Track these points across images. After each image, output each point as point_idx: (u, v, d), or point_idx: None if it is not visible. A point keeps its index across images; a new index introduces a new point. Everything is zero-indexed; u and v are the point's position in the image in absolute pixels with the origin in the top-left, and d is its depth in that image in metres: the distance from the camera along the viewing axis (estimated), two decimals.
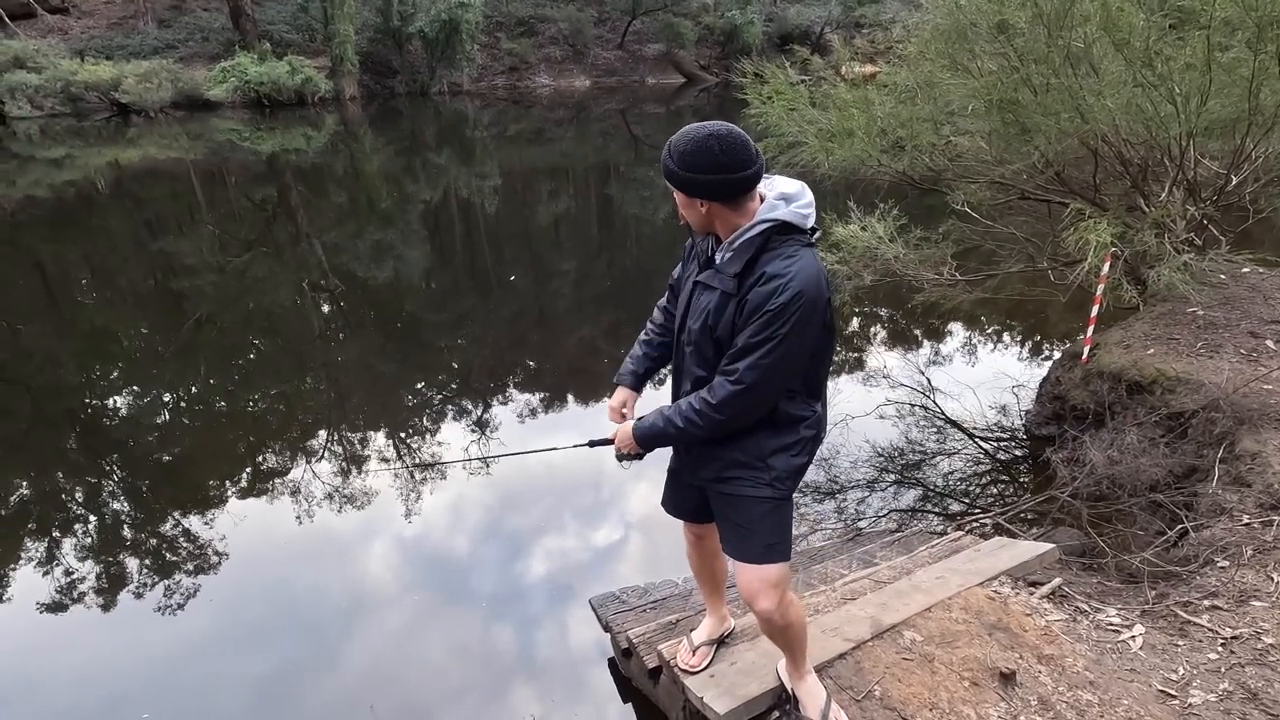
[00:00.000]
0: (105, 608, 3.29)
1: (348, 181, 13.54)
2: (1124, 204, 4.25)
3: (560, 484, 4.30)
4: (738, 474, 1.60)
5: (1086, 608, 2.16)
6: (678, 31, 27.62)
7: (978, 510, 4.15)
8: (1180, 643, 2.00)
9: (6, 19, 20.28)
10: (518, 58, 26.27)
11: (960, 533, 2.81)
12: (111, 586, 3.41)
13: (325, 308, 7.43)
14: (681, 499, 1.88)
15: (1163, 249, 3.44)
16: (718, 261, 1.52)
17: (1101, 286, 3.57)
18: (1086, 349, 3.74)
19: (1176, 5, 3.64)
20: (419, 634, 3.13)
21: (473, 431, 4.82)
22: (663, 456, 1.90)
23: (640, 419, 1.68)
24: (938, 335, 6.41)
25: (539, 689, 2.78)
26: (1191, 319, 3.73)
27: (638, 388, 1.87)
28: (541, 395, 5.41)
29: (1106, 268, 3.51)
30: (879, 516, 3.97)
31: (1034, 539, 3.04)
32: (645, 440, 1.66)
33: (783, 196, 1.46)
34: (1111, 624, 2.08)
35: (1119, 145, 3.94)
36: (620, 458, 1.76)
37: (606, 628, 2.62)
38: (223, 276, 8.08)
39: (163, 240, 9.64)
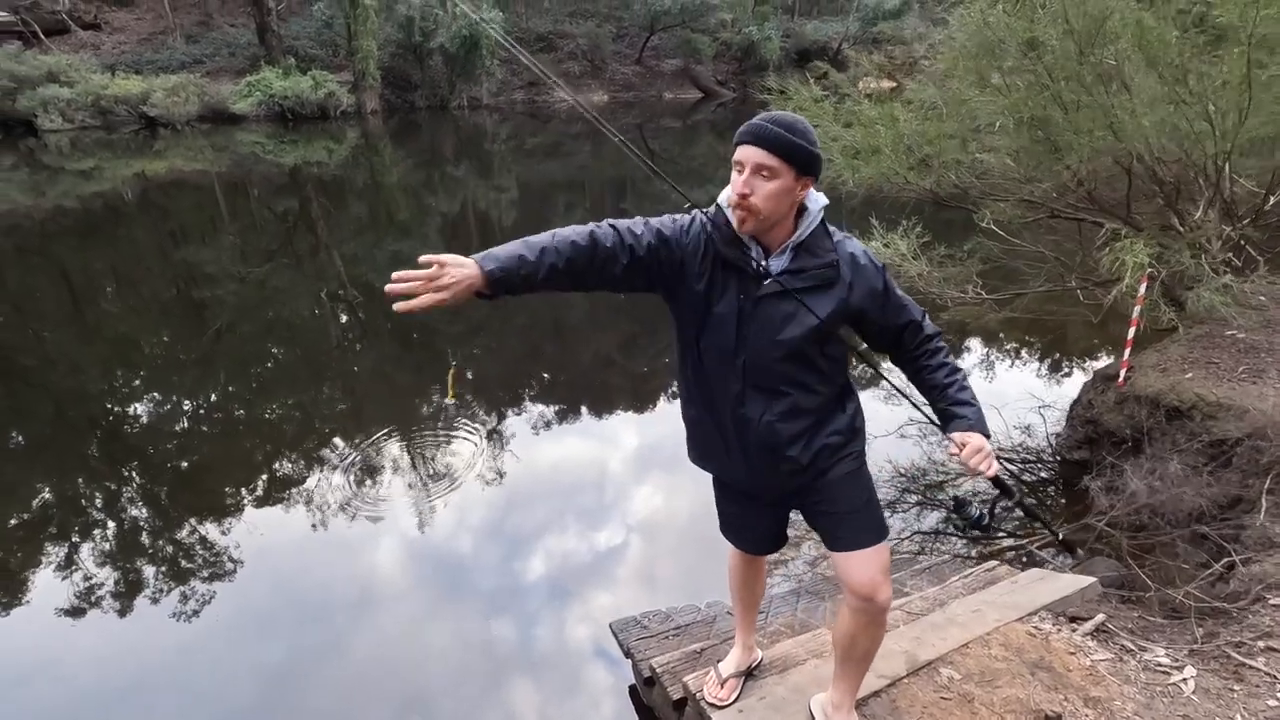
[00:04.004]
0: (124, 603, 3.33)
1: (368, 193, 13.69)
2: (1157, 223, 4.15)
3: (574, 500, 4.25)
4: (838, 457, 1.55)
5: (1132, 646, 2.06)
6: (695, 47, 27.81)
7: (1003, 534, 4.05)
8: (1236, 687, 1.89)
9: (41, 35, 20.87)
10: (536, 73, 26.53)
11: (994, 562, 2.72)
12: (131, 582, 3.45)
13: (343, 317, 7.48)
14: (758, 529, 1.77)
15: (1201, 270, 3.34)
16: (779, 266, 1.45)
17: (1138, 308, 3.47)
18: (1123, 372, 3.64)
19: (1213, 22, 3.56)
20: (431, 652, 3.08)
21: (487, 442, 4.80)
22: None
23: (963, 421, 1.47)
24: (961, 353, 6.31)
25: (555, 714, 2.71)
26: (1231, 342, 3.62)
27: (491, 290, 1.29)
28: (556, 408, 5.38)
29: (1143, 289, 3.41)
30: (901, 538, 3.88)
31: (1070, 569, 2.94)
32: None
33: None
34: (1160, 665, 1.98)
35: (1152, 164, 3.86)
36: (979, 514, 1.52)
37: (628, 654, 2.56)
38: (244, 286, 8.16)
39: (186, 250, 9.77)
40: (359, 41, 21.01)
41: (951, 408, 1.52)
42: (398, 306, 1.17)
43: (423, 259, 1.20)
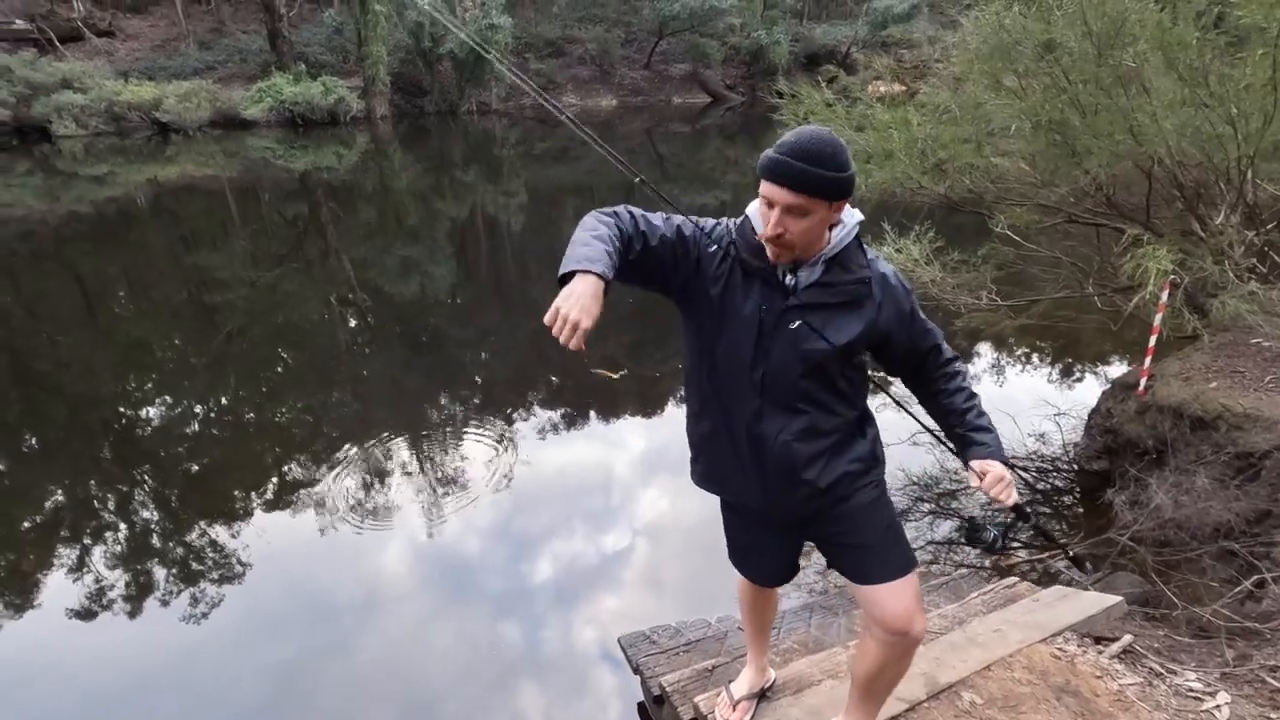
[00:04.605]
0: (132, 604, 3.35)
1: (377, 198, 13.73)
2: (1177, 228, 4.06)
3: (581, 505, 4.21)
4: (858, 484, 1.48)
5: (1162, 669, 1.99)
6: (704, 51, 27.79)
7: (1018, 544, 3.97)
8: (1273, 715, 1.81)
9: (57, 42, 21.13)
10: (545, 78, 26.62)
11: (1014, 578, 2.65)
12: (139, 584, 3.47)
13: (352, 322, 7.49)
14: (769, 559, 1.69)
15: (1225, 276, 3.26)
16: (809, 279, 1.37)
17: (1160, 316, 3.39)
18: (1143, 380, 3.55)
19: (1235, 23, 3.48)
20: (435, 658, 3.04)
21: (494, 447, 4.78)
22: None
23: (983, 449, 1.44)
24: (973, 360, 6.22)
25: None
26: (1257, 351, 3.52)
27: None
28: (564, 410, 5.37)
29: (1165, 296, 3.33)
30: (915, 548, 3.82)
31: (1090, 584, 2.86)
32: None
33: None
34: (1192, 689, 1.91)
35: (1173, 168, 3.78)
36: (1003, 532, 1.50)
37: (636, 670, 2.50)
38: (254, 290, 8.20)
39: (197, 255, 9.83)
40: (369, 47, 21.13)
41: (970, 434, 1.47)
42: (572, 345, 1.16)
43: (546, 320, 1.16)
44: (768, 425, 1.43)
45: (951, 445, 1.51)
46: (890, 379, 1.68)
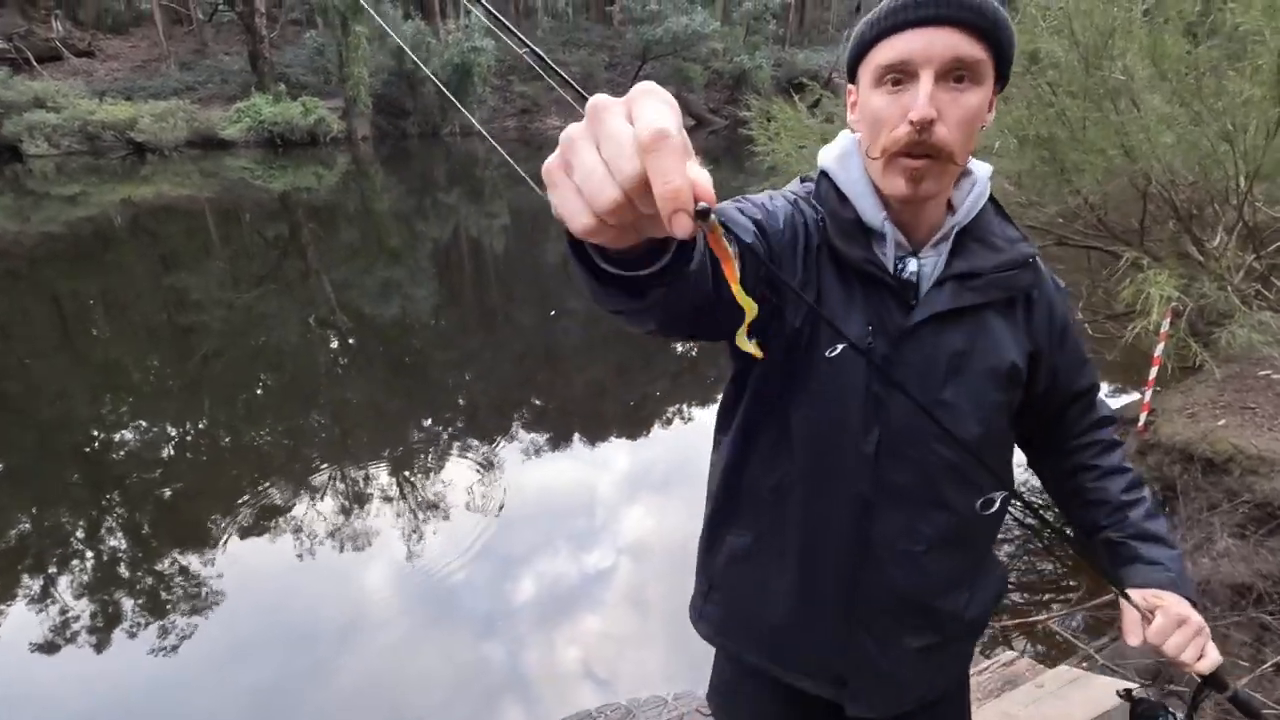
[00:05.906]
0: (107, 632, 3.19)
1: (358, 219, 13.48)
2: (1172, 251, 3.83)
3: (558, 537, 3.91)
4: (961, 652, 0.99)
5: None
6: (687, 76, 27.99)
7: (1012, 586, 3.70)
8: None
9: (34, 61, 20.83)
10: (529, 100, 26.65)
11: (1013, 653, 2.31)
12: (111, 614, 3.30)
13: (333, 344, 7.26)
14: None
15: (1231, 304, 3.00)
16: (936, 269, 0.83)
17: (1161, 345, 3.12)
18: (1143, 416, 3.27)
19: (1233, 31, 3.27)
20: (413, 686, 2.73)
21: (478, 471, 4.53)
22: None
23: (1157, 571, 0.88)
24: None
25: None
26: (1267, 384, 3.25)
27: None
28: (548, 436, 5.10)
29: (1167, 324, 3.06)
30: None
31: (1097, 651, 2.53)
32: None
33: None
34: None
35: (1167, 187, 3.55)
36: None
37: None
38: (232, 312, 7.93)
39: (174, 275, 9.52)
40: (350, 69, 20.99)
41: (1134, 543, 0.90)
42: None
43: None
44: (881, 528, 0.86)
45: (1090, 551, 0.96)
46: None
